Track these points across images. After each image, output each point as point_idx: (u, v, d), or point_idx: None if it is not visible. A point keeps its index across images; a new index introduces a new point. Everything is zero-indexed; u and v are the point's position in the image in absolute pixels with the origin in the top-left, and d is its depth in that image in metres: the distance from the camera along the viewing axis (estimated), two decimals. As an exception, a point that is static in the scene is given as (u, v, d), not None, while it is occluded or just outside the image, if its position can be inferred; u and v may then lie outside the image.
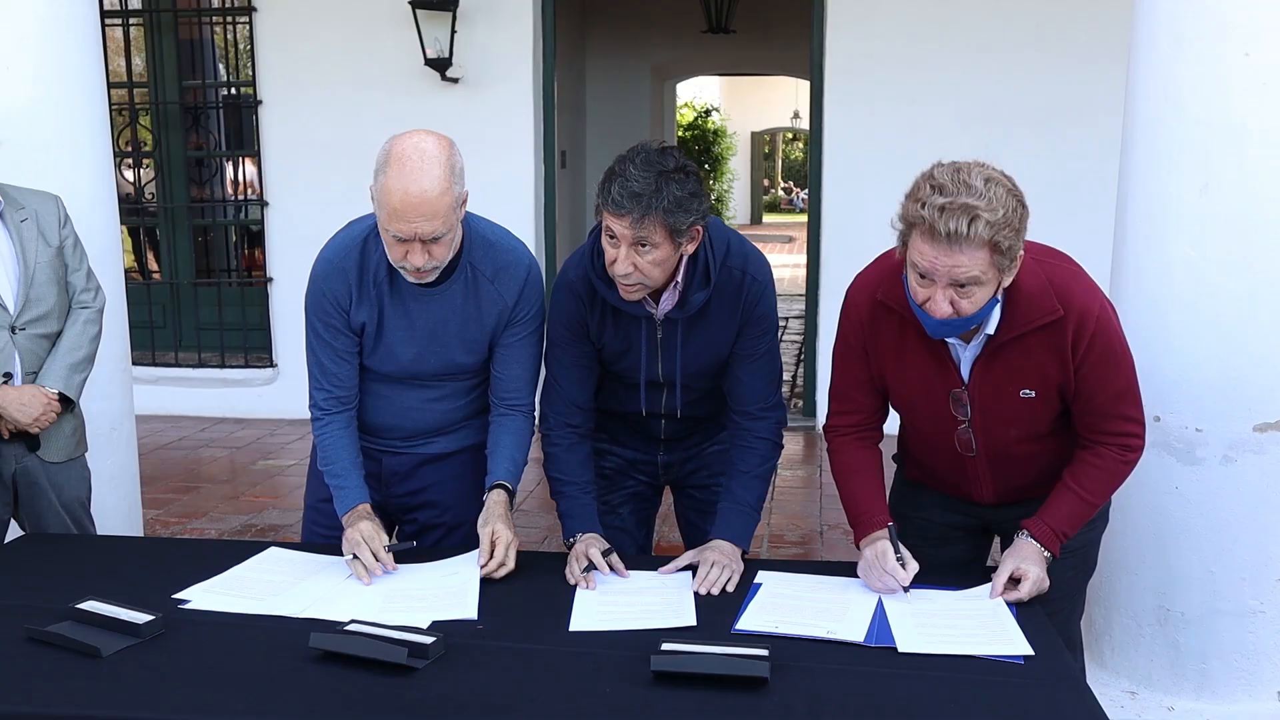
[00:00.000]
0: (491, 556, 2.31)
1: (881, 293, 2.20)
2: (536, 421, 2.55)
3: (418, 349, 2.46)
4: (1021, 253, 2.01)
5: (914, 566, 2.19)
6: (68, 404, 2.90)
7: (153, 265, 7.26)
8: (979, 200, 1.90)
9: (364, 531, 2.33)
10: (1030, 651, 1.93)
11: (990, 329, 2.11)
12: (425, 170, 2.18)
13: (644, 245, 2.16)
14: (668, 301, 2.33)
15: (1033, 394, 2.16)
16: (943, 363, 2.19)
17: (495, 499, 2.41)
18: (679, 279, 2.30)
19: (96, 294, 3.04)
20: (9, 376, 2.81)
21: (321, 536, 2.60)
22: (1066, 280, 2.12)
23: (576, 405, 2.49)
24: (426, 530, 2.63)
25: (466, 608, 2.16)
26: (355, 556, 2.31)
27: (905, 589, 2.17)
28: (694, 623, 2.08)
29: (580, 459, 2.49)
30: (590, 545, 2.34)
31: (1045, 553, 2.20)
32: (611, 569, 2.32)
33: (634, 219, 2.12)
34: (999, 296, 2.06)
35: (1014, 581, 2.17)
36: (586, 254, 2.35)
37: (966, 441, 2.27)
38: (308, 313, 2.46)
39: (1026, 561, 2.17)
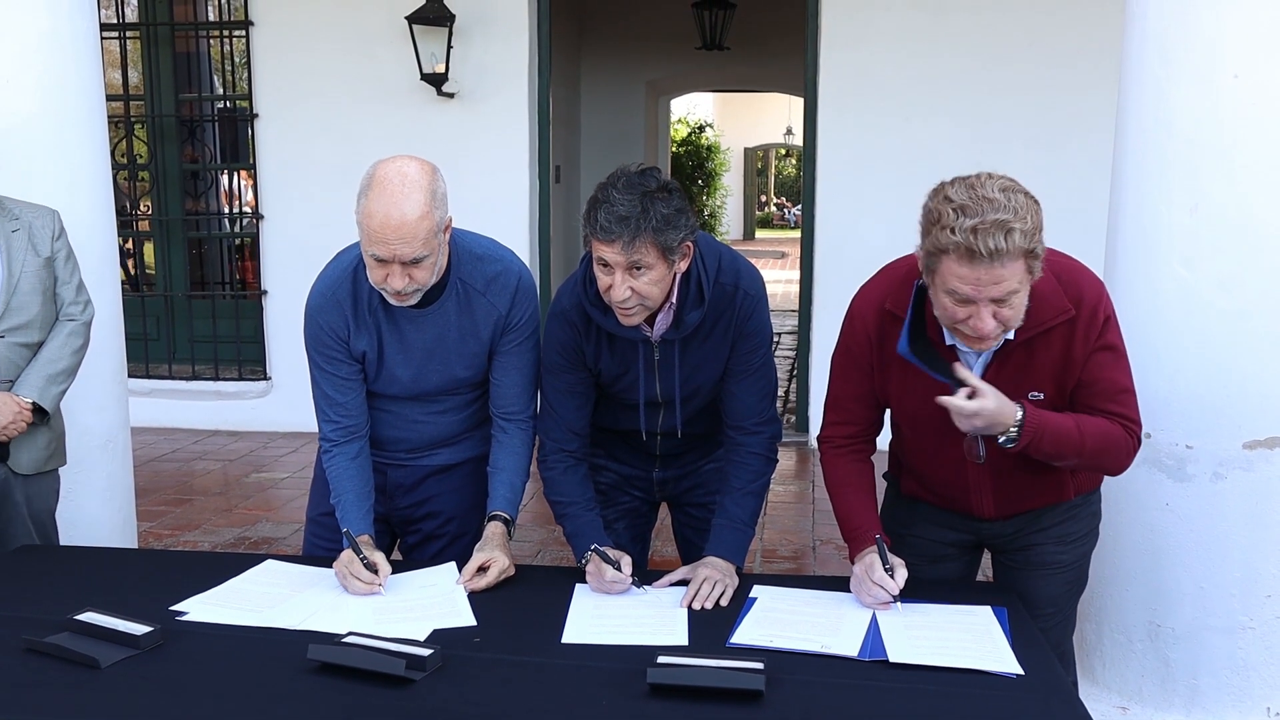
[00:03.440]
0: (480, 574, 2.33)
1: (890, 302, 2.19)
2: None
3: (418, 369, 2.47)
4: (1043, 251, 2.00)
5: (903, 575, 2.18)
6: (43, 415, 2.88)
7: (146, 277, 7.27)
8: (1007, 213, 1.90)
9: (343, 559, 2.33)
10: (1020, 670, 1.94)
11: (1009, 334, 2.09)
12: (406, 194, 2.21)
13: (638, 268, 2.15)
14: (662, 323, 2.33)
15: (1041, 396, 2.15)
16: None
17: (493, 529, 2.44)
18: (673, 299, 2.30)
19: (85, 308, 3.02)
20: None
21: (323, 550, 2.62)
22: (1074, 276, 2.12)
23: (573, 431, 2.49)
24: (429, 540, 2.65)
25: (462, 615, 2.19)
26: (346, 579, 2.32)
27: (895, 598, 2.17)
28: (685, 641, 2.09)
29: (578, 479, 2.50)
30: (602, 563, 2.31)
31: (1018, 414, 2.06)
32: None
33: (625, 243, 2.12)
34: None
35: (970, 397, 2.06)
36: (579, 282, 2.34)
37: (975, 450, 2.25)
38: (308, 348, 2.47)
39: (998, 400, 2.05)
